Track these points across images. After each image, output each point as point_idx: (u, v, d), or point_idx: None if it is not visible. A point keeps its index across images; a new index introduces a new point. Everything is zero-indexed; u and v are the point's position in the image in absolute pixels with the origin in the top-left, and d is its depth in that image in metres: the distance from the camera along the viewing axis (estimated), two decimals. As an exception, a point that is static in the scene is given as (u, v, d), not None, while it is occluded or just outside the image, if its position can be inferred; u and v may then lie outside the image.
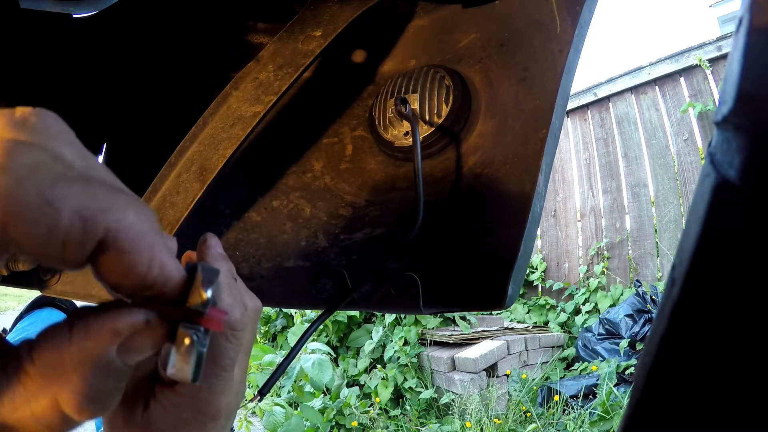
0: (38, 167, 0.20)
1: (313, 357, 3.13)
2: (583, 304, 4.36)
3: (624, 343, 3.44)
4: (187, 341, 0.25)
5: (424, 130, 0.67)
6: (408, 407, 3.65)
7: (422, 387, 3.77)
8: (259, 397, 0.62)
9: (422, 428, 3.39)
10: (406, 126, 0.69)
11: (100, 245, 0.21)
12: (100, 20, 0.86)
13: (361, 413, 3.57)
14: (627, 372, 3.22)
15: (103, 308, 0.24)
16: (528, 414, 3.25)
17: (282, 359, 0.64)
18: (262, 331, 5.26)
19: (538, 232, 4.96)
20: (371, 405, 3.73)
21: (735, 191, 0.21)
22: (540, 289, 4.91)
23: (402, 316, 4.12)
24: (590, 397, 3.17)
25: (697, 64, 4.05)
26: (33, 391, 0.22)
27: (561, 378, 3.65)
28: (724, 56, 3.92)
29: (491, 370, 3.65)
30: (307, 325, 4.24)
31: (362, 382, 4.02)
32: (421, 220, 0.61)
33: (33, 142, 0.21)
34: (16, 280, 0.78)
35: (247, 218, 0.80)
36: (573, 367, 3.75)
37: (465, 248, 0.62)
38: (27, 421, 0.22)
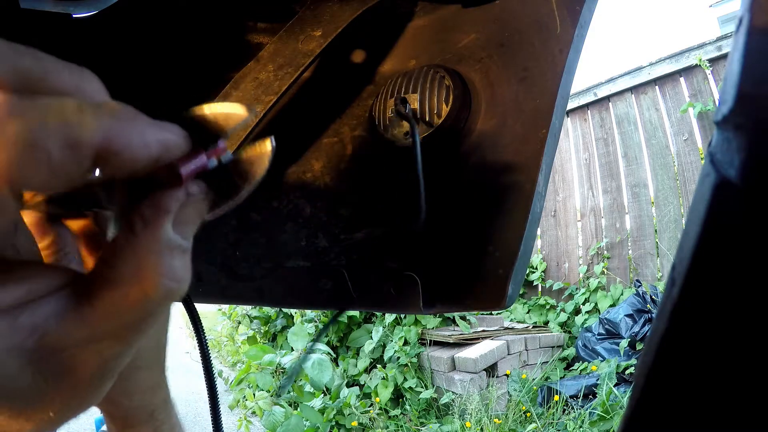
0: None
1: (313, 357, 3.13)
2: (583, 304, 4.36)
3: (624, 343, 3.44)
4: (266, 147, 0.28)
5: (423, 130, 0.67)
6: (408, 407, 3.65)
7: (422, 387, 3.77)
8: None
9: (422, 428, 3.40)
10: (407, 126, 0.69)
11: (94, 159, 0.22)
12: (99, 20, 0.86)
13: (361, 413, 3.57)
14: (627, 372, 3.22)
15: (143, 191, 0.25)
16: (528, 414, 3.25)
17: (297, 360, 0.65)
18: (262, 331, 5.26)
19: (538, 232, 4.97)
20: (371, 405, 3.73)
21: (735, 191, 0.21)
22: (540, 289, 4.91)
23: (402, 316, 4.12)
24: (590, 397, 3.18)
25: (697, 64, 4.05)
26: (122, 289, 0.23)
27: (561, 378, 3.66)
28: (724, 56, 3.92)
29: (491, 370, 3.66)
30: (307, 325, 4.25)
31: (362, 382, 4.02)
32: (425, 212, 0.61)
33: None
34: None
35: (247, 218, 0.80)
36: (573, 367, 3.76)
37: (465, 248, 0.62)
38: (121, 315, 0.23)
